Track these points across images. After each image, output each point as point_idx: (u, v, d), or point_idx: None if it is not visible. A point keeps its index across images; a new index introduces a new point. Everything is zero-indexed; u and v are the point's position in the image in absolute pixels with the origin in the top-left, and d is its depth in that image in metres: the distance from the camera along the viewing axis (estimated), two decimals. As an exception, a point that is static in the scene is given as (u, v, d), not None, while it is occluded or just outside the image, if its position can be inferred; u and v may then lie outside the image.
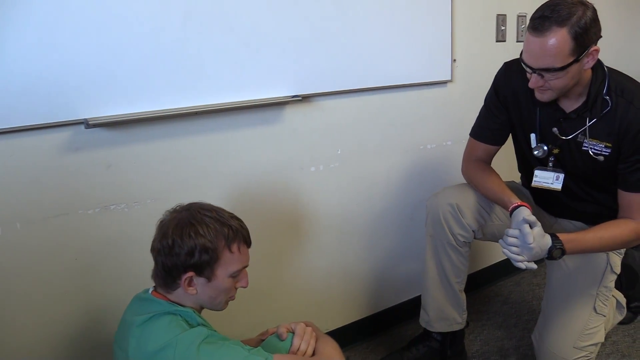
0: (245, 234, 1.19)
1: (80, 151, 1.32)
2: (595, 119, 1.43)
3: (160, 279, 1.15)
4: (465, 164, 1.71)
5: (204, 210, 1.14)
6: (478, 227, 1.64)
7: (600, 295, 1.63)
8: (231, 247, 1.14)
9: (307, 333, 1.24)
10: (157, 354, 1.05)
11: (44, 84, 1.23)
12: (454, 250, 1.66)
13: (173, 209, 1.17)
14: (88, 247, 1.38)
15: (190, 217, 1.12)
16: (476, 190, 1.65)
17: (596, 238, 1.45)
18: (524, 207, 1.42)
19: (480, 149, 1.67)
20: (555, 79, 1.33)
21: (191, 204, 1.17)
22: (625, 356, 1.85)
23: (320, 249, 1.83)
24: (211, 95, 1.47)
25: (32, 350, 1.36)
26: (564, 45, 1.27)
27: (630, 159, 1.42)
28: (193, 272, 1.12)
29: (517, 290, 2.34)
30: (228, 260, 1.14)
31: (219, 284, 1.15)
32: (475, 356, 1.91)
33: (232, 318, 1.67)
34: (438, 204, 1.65)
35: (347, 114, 1.76)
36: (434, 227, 1.66)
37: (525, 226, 1.36)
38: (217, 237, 1.12)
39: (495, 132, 1.64)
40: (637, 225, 1.46)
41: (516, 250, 1.37)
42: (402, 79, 1.84)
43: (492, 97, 1.61)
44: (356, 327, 2.00)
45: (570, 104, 1.46)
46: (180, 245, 1.09)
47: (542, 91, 1.39)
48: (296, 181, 1.71)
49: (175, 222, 1.12)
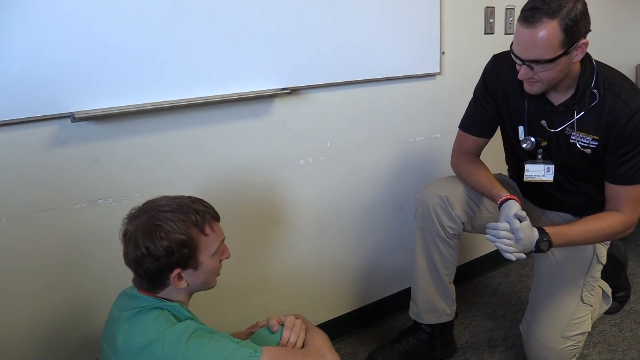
0: (211, 211, 1.17)
1: (67, 145, 1.31)
2: (583, 112, 1.43)
3: (146, 283, 1.13)
4: (454, 157, 1.72)
5: (161, 206, 1.11)
6: (467, 219, 1.65)
7: (587, 285, 1.65)
8: (205, 231, 1.13)
9: (297, 325, 1.24)
10: (146, 348, 1.05)
11: (28, 77, 1.21)
12: (444, 243, 1.67)
13: (129, 215, 1.13)
14: (76, 242, 1.37)
15: (153, 219, 1.09)
16: (465, 182, 1.66)
17: (582, 230, 1.47)
18: (512, 201, 1.43)
19: (469, 141, 1.67)
20: (545, 71, 1.34)
21: (146, 205, 1.14)
22: (612, 345, 1.88)
23: (310, 242, 1.83)
24: (199, 88, 1.46)
25: (19, 345, 1.35)
26: (554, 37, 1.27)
27: (617, 152, 1.43)
28: (179, 268, 1.11)
29: (505, 281, 2.36)
30: (206, 244, 1.14)
31: (206, 268, 1.15)
32: (464, 347, 1.92)
33: (222, 312, 1.67)
34: (427, 197, 1.65)
35: (336, 106, 1.75)
36: (424, 219, 1.67)
37: (515, 221, 1.37)
38: (187, 227, 1.10)
39: (484, 125, 1.64)
40: (624, 217, 1.47)
41: (508, 242, 1.38)
42: (391, 71, 1.84)
43: (481, 89, 1.61)
44: (346, 320, 2.00)
45: (559, 97, 1.47)
46: (156, 250, 1.07)
47: (531, 83, 1.40)
48: (285, 174, 1.70)
49: (141, 230, 1.08)
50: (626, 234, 1.52)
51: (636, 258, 2.45)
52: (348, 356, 1.89)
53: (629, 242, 2.59)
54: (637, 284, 2.24)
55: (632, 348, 1.85)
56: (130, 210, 1.14)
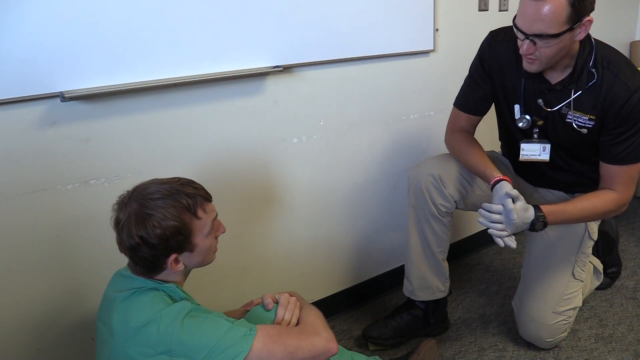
0: (202, 193, 1.16)
1: (57, 125, 1.29)
2: (581, 91, 1.42)
3: (143, 269, 1.13)
4: (448, 134, 1.71)
5: (151, 194, 1.09)
6: (460, 197, 1.65)
7: (578, 261, 1.67)
8: (197, 214, 1.12)
9: (291, 303, 1.25)
10: (141, 329, 1.05)
11: (15, 56, 1.19)
12: (436, 220, 1.67)
13: (119, 202, 1.12)
14: (69, 222, 1.37)
15: (143, 208, 1.08)
16: (458, 160, 1.66)
17: (577, 209, 1.47)
18: (505, 182, 1.43)
19: (464, 119, 1.67)
20: (547, 47, 1.32)
21: (135, 191, 1.12)
22: (603, 320, 1.90)
23: (304, 221, 1.83)
24: (190, 66, 1.44)
25: (15, 326, 1.35)
26: (560, 11, 1.25)
27: (613, 132, 1.43)
28: (175, 253, 1.11)
29: (498, 258, 2.38)
30: (200, 226, 1.13)
31: (202, 248, 1.15)
32: (457, 323, 1.94)
33: (217, 291, 1.68)
34: (420, 175, 1.65)
35: (329, 84, 1.74)
36: (416, 197, 1.67)
37: (508, 201, 1.37)
38: (180, 214, 1.09)
39: (479, 103, 1.64)
40: (618, 196, 1.48)
41: (500, 227, 1.38)
42: (385, 48, 1.83)
43: (477, 67, 1.60)
44: (340, 297, 2.02)
45: (556, 76, 1.45)
46: (150, 238, 1.07)
47: (530, 61, 1.38)
48: (278, 153, 1.70)
49: (133, 219, 1.07)
50: (620, 212, 1.53)
51: (628, 235, 2.47)
52: (342, 333, 1.91)
53: (621, 219, 2.62)
54: (628, 260, 2.26)
55: (622, 323, 1.88)
56: (120, 196, 1.13)
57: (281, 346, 1.09)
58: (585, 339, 1.81)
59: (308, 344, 1.13)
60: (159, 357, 1.04)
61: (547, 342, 1.72)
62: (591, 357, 1.72)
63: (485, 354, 1.78)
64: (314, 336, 1.16)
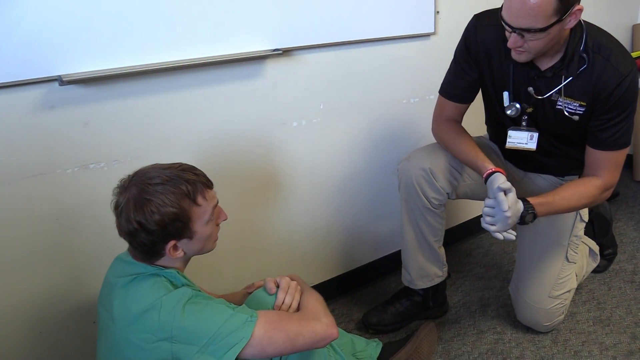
0: (203, 179, 1.15)
1: (56, 109, 1.29)
2: (572, 77, 1.40)
3: (142, 254, 1.13)
4: (435, 124, 1.67)
5: (151, 179, 1.08)
6: (451, 189, 1.63)
7: (571, 244, 1.67)
8: (197, 201, 1.11)
9: (292, 287, 1.25)
10: (142, 315, 1.05)
11: (13, 39, 1.18)
12: (430, 213, 1.65)
13: (119, 186, 1.11)
14: (68, 207, 1.37)
15: (142, 193, 1.07)
16: (447, 151, 1.62)
17: (564, 200, 1.45)
18: (499, 174, 1.40)
19: (450, 107, 1.63)
20: (535, 40, 1.28)
21: (135, 176, 1.11)
22: (601, 303, 1.92)
23: (303, 205, 1.83)
24: (189, 49, 1.43)
25: (15, 311, 1.36)
26: (547, 4, 1.21)
27: (603, 117, 1.40)
28: (174, 240, 1.11)
29: (497, 242, 2.38)
30: (200, 213, 1.12)
31: (201, 235, 1.15)
32: (456, 306, 1.96)
33: (217, 274, 1.69)
34: (410, 169, 1.62)
35: (329, 67, 1.73)
36: (408, 192, 1.64)
37: (500, 194, 1.34)
38: (179, 200, 1.08)
39: (465, 90, 1.59)
40: (602, 182, 1.46)
41: (490, 220, 1.36)
42: (385, 31, 1.81)
43: (463, 52, 1.55)
44: (340, 281, 2.03)
45: (546, 62, 1.42)
46: (148, 224, 1.06)
47: (519, 52, 1.34)
48: (278, 137, 1.69)
49: (132, 204, 1.07)
50: (604, 198, 1.51)
51: (626, 219, 2.48)
52: (342, 316, 1.93)
53: (620, 203, 2.62)
54: (626, 243, 2.27)
55: (620, 305, 1.89)
56: (121, 180, 1.12)
57: (282, 332, 1.10)
58: (583, 322, 1.83)
59: (308, 330, 1.14)
60: (160, 344, 1.04)
61: (544, 326, 1.74)
62: (589, 339, 1.74)
63: (483, 336, 1.79)
64: (314, 322, 1.16)
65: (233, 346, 1.05)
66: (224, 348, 1.04)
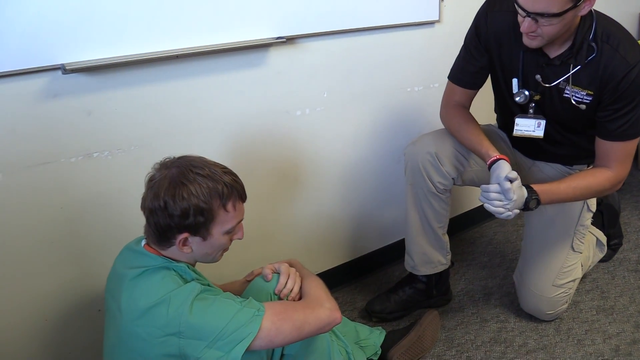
0: (240, 189, 1.15)
1: (59, 98, 1.28)
2: (580, 66, 1.39)
3: (154, 236, 1.12)
4: (443, 109, 1.68)
5: (195, 167, 1.09)
6: (457, 174, 1.63)
7: (577, 233, 1.67)
8: (226, 206, 1.11)
9: (292, 273, 1.27)
10: (150, 310, 1.05)
11: (16, 28, 1.18)
12: (435, 198, 1.65)
13: (162, 163, 1.12)
14: (73, 195, 1.37)
15: (181, 176, 1.07)
16: (454, 137, 1.63)
17: (571, 188, 1.45)
18: (502, 161, 1.41)
19: (459, 93, 1.63)
20: (549, 25, 1.28)
21: (181, 159, 1.12)
22: (605, 292, 1.92)
23: (307, 193, 1.83)
24: (192, 38, 1.42)
25: (22, 299, 1.37)
26: None
27: (611, 108, 1.40)
28: (188, 233, 1.10)
29: (501, 231, 2.38)
30: (224, 219, 1.12)
31: (214, 241, 1.14)
32: (460, 295, 1.96)
33: (221, 263, 1.69)
34: (416, 153, 1.63)
35: (333, 56, 1.72)
36: (414, 176, 1.65)
37: (506, 183, 1.35)
38: (211, 197, 1.08)
39: (474, 76, 1.59)
40: (612, 174, 1.46)
41: (499, 204, 1.36)
42: (389, 19, 1.79)
43: (473, 38, 1.55)
44: (344, 269, 2.03)
45: (555, 50, 1.41)
46: (173, 207, 1.06)
47: (532, 37, 1.34)
48: (282, 125, 1.69)
49: (167, 182, 1.07)
50: (614, 190, 1.51)
51: (631, 208, 2.47)
52: (346, 304, 1.93)
53: (625, 192, 2.61)
54: (631, 233, 2.27)
55: (624, 294, 1.89)
56: (164, 158, 1.13)
57: (289, 322, 1.11)
58: (587, 310, 1.83)
59: (313, 317, 1.15)
60: (168, 338, 1.05)
61: (547, 314, 1.74)
62: (592, 328, 1.74)
63: (487, 325, 1.80)
64: (318, 308, 1.17)
65: (241, 341, 1.05)
66: (232, 343, 1.05)
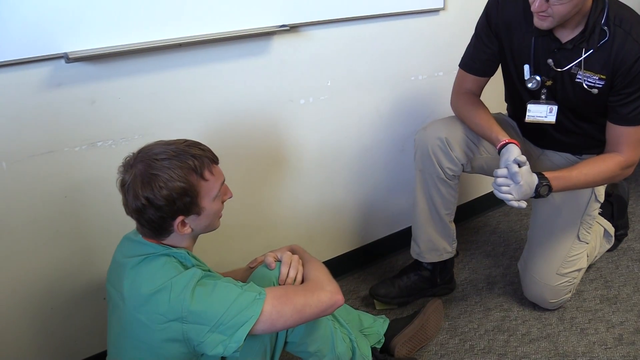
0: (209, 154, 1.14)
1: (63, 87, 1.28)
2: (592, 50, 1.39)
3: (150, 232, 1.13)
4: (454, 96, 1.68)
5: (157, 154, 1.08)
6: (467, 160, 1.64)
7: (584, 223, 1.67)
8: (204, 176, 1.11)
9: (294, 260, 1.27)
10: (152, 296, 1.06)
11: (19, 16, 1.18)
12: (443, 184, 1.66)
13: (124, 164, 1.11)
14: (77, 184, 1.38)
15: (149, 169, 1.06)
16: (464, 123, 1.63)
17: (582, 174, 1.45)
18: (512, 145, 1.40)
19: (470, 80, 1.63)
20: (560, 4, 1.28)
21: (141, 152, 1.11)
22: (608, 281, 1.92)
23: (311, 182, 1.83)
24: (195, 26, 1.41)
25: (27, 287, 1.38)
26: None
27: (623, 92, 1.39)
28: (182, 216, 1.11)
29: (505, 220, 2.38)
30: (207, 188, 1.12)
31: (209, 211, 1.15)
32: (463, 284, 1.96)
33: (224, 252, 1.70)
34: (427, 138, 1.63)
35: (336, 44, 1.71)
36: (423, 161, 1.65)
37: (513, 166, 1.35)
38: (186, 175, 1.08)
39: (485, 64, 1.60)
40: (623, 159, 1.46)
41: (506, 190, 1.36)
42: (393, 7, 1.78)
43: (484, 25, 1.55)
44: (347, 258, 2.04)
45: (567, 34, 1.41)
46: (156, 199, 1.06)
47: (542, 17, 1.34)
48: (285, 114, 1.68)
49: (139, 180, 1.06)
50: (626, 175, 1.51)
51: (636, 197, 2.46)
52: (350, 293, 1.94)
53: (630, 181, 2.60)
54: (636, 222, 2.26)
55: (628, 284, 1.89)
56: (125, 157, 1.12)
57: (289, 305, 1.12)
58: (590, 299, 1.83)
59: (315, 300, 1.15)
60: (171, 324, 1.06)
61: (550, 303, 1.74)
62: (595, 317, 1.74)
63: (490, 313, 1.80)
64: (319, 291, 1.18)
65: (243, 324, 1.06)
66: (235, 327, 1.06)
